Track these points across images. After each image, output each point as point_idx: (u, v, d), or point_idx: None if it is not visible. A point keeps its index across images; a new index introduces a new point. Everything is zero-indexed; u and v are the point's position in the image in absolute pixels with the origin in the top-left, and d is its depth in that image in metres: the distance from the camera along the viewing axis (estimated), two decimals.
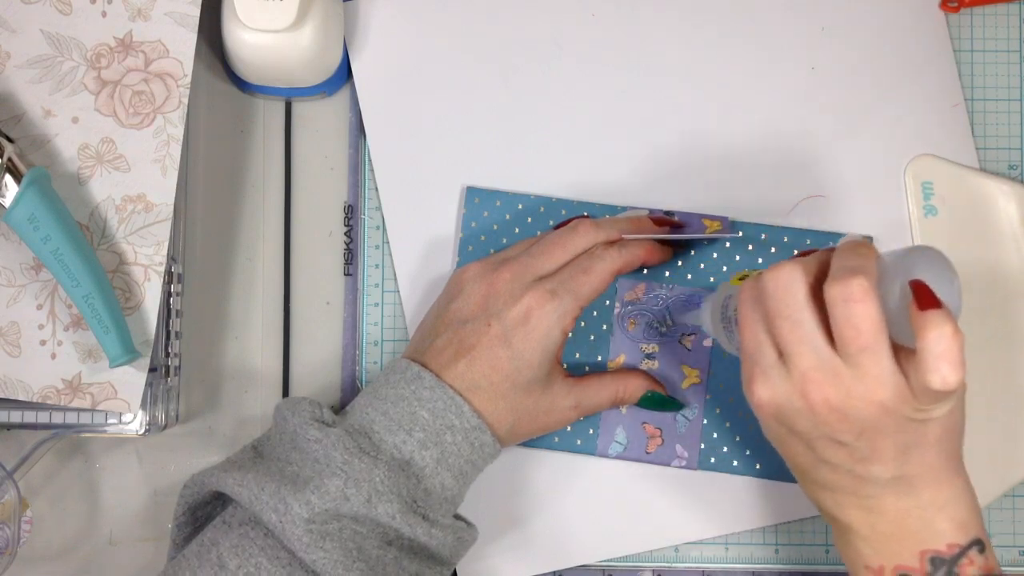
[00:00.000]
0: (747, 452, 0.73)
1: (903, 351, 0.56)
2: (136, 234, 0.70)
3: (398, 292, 0.76)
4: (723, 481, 0.74)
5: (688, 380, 0.74)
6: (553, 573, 0.75)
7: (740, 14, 0.76)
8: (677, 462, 0.74)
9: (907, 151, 0.75)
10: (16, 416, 0.71)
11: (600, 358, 0.74)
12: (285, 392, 0.76)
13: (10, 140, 0.67)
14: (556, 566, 0.75)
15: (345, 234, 0.77)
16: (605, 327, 0.74)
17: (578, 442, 0.74)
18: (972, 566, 0.59)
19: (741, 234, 0.74)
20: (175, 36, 0.70)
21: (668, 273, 0.74)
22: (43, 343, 0.69)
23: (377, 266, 0.76)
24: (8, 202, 0.66)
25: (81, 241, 0.67)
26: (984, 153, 0.76)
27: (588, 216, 0.73)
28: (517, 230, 0.75)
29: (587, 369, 0.74)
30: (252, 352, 0.76)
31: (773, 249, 0.74)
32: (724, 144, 0.76)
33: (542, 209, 0.75)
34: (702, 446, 0.74)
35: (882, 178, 0.75)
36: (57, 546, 0.75)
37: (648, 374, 0.73)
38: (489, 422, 0.66)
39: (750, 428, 0.73)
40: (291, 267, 0.77)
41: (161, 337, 0.71)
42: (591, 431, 0.74)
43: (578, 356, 0.74)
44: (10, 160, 0.66)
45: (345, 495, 0.61)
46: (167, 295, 0.72)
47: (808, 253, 0.61)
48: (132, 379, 0.69)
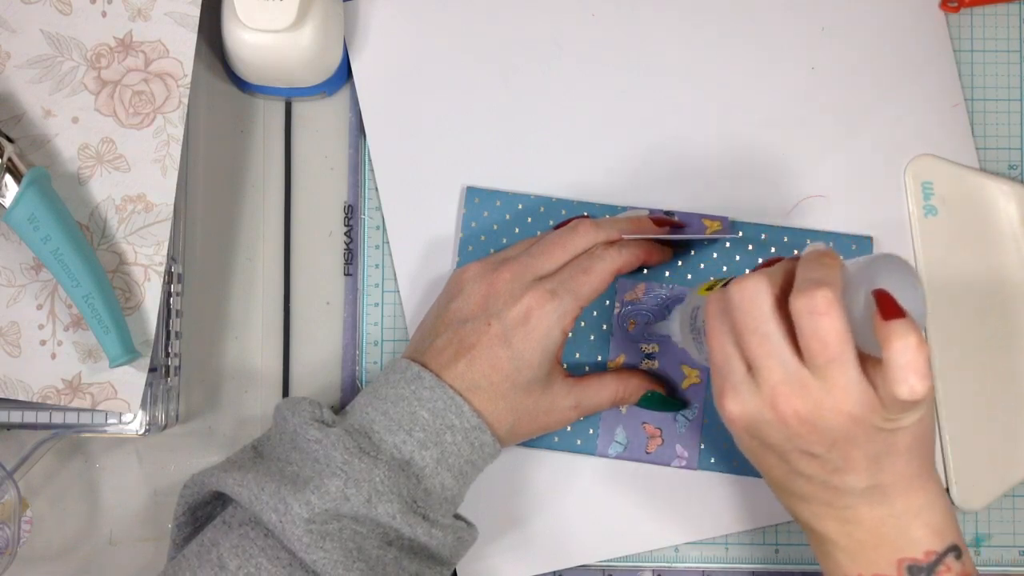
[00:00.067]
0: None
1: (870, 360, 0.56)
2: (136, 234, 0.70)
3: (398, 292, 0.76)
4: (723, 481, 0.74)
5: (688, 380, 0.74)
6: (553, 573, 0.75)
7: (740, 14, 0.76)
8: (677, 462, 0.74)
9: (907, 151, 0.75)
10: (16, 416, 0.71)
11: (600, 358, 0.74)
12: (285, 392, 0.76)
13: (10, 140, 0.67)
14: (556, 566, 0.75)
15: (345, 234, 0.77)
16: (605, 327, 0.74)
17: (578, 442, 0.74)
18: (950, 572, 0.59)
19: (741, 234, 0.74)
20: (175, 36, 0.70)
21: (668, 273, 0.74)
22: (43, 343, 0.69)
23: (377, 266, 0.76)
24: (8, 202, 0.66)
25: (81, 241, 0.67)
26: (984, 153, 0.76)
27: (588, 216, 0.73)
28: (517, 230, 0.75)
29: (587, 369, 0.74)
30: (252, 352, 0.76)
31: (773, 249, 0.74)
32: (724, 144, 0.76)
33: (542, 209, 0.75)
34: (702, 446, 0.74)
35: (882, 178, 0.75)
36: (57, 546, 0.75)
37: (648, 374, 0.73)
38: (489, 422, 0.66)
39: None
40: (291, 267, 0.77)
41: (161, 337, 0.71)
42: (591, 431, 0.74)
43: (578, 356, 0.74)
44: (10, 160, 0.66)
45: (345, 495, 0.61)
46: (167, 295, 0.72)
47: (773, 262, 0.60)
48: (132, 379, 0.69)
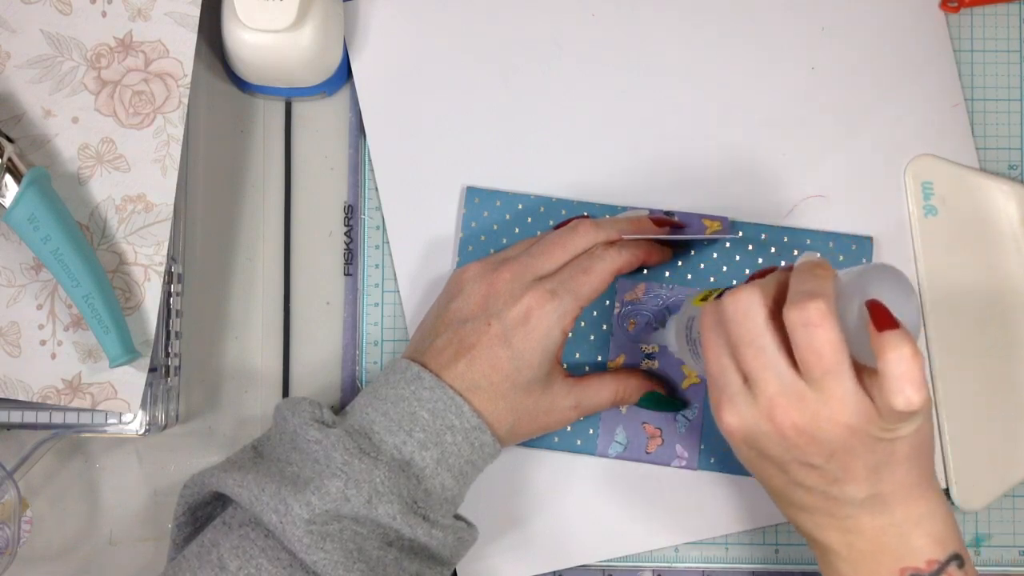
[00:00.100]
0: None
1: (866, 370, 0.56)
2: (136, 234, 0.70)
3: (398, 292, 0.76)
4: (723, 481, 0.74)
5: (688, 380, 0.74)
6: (553, 573, 0.75)
7: (740, 14, 0.76)
8: (677, 462, 0.74)
9: (907, 151, 0.75)
10: (16, 416, 0.71)
11: (600, 358, 0.74)
12: (285, 392, 0.76)
13: (10, 140, 0.67)
14: (556, 566, 0.75)
15: (345, 234, 0.77)
16: (605, 327, 0.74)
17: (578, 442, 0.74)
18: None
19: (741, 234, 0.74)
20: (175, 36, 0.70)
21: (668, 273, 0.74)
22: (43, 343, 0.69)
23: (377, 266, 0.76)
24: (8, 202, 0.66)
25: (81, 241, 0.67)
26: (984, 153, 0.76)
27: (588, 216, 0.73)
28: (517, 230, 0.75)
29: (587, 369, 0.74)
30: (252, 352, 0.76)
31: (773, 249, 0.74)
32: (724, 144, 0.76)
33: (542, 209, 0.75)
34: (702, 446, 0.74)
35: (882, 178, 0.75)
36: (57, 546, 0.75)
37: (648, 374, 0.73)
38: (489, 422, 0.66)
39: None
40: (291, 267, 0.77)
41: (161, 337, 0.71)
42: (591, 431, 0.74)
43: (578, 356, 0.74)
44: (10, 160, 0.66)
45: (345, 496, 0.61)
46: (167, 295, 0.72)
47: (765, 272, 0.61)
48: (132, 379, 0.69)
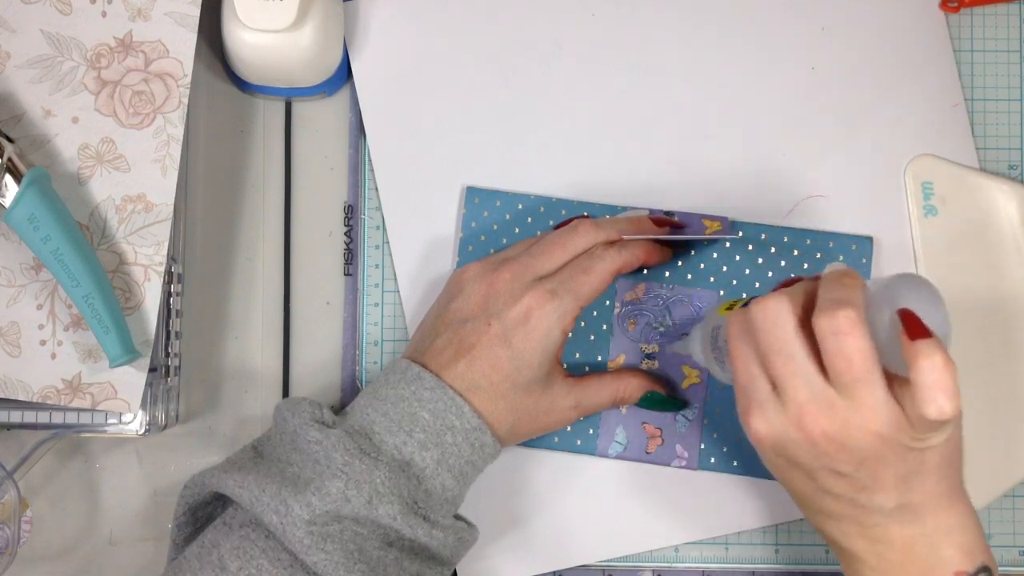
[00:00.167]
0: (747, 452, 0.73)
1: (897, 379, 0.56)
2: (136, 234, 0.70)
3: (398, 292, 0.76)
4: (723, 481, 0.74)
5: (688, 380, 0.74)
6: (553, 573, 0.75)
7: (740, 14, 0.76)
8: (677, 462, 0.74)
9: (907, 151, 0.75)
10: (16, 416, 0.71)
11: (600, 358, 0.74)
12: (285, 392, 0.76)
13: (10, 140, 0.67)
14: (556, 566, 0.75)
15: (345, 234, 0.77)
16: (605, 327, 0.74)
17: (578, 442, 0.74)
18: None
19: (741, 234, 0.74)
20: (175, 36, 0.70)
21: (668, 273, 0.74)
22: (43, 343, 0.69)
23: (377, 266, 0.76)
24: (8, 202, 0.66)
25: (81, 241, 0.67)
26: (984, 153, 0.76)
27: (588, 216, 0.73)
28: (517, 230, 0.75)
29: (587, 369, 0.74)
30: (252, 352, 0.76)
31: (773, 249, 0.74)
32: (724, 144, 0.76)
33: (542, 209, 0.75)
34: (702, 446, 0.74)
35: (882, 178, 0.75)
36: (57, 546, 0.75)
37: (648, 374, 0.73)
38: (489, 422, 0.66)
39: None
40: (291, 267, 0.77)
41: (161, 337, 0.71)
42: (591, 431, 0.74)
43: (578, 356, 0.74)
44: (10, 160, 0.66)
45: (346, 496, 0.61)
46: (167, 295, 0.72)
47: (792, 282, 0.61)
48: (132, 379, 0.69)
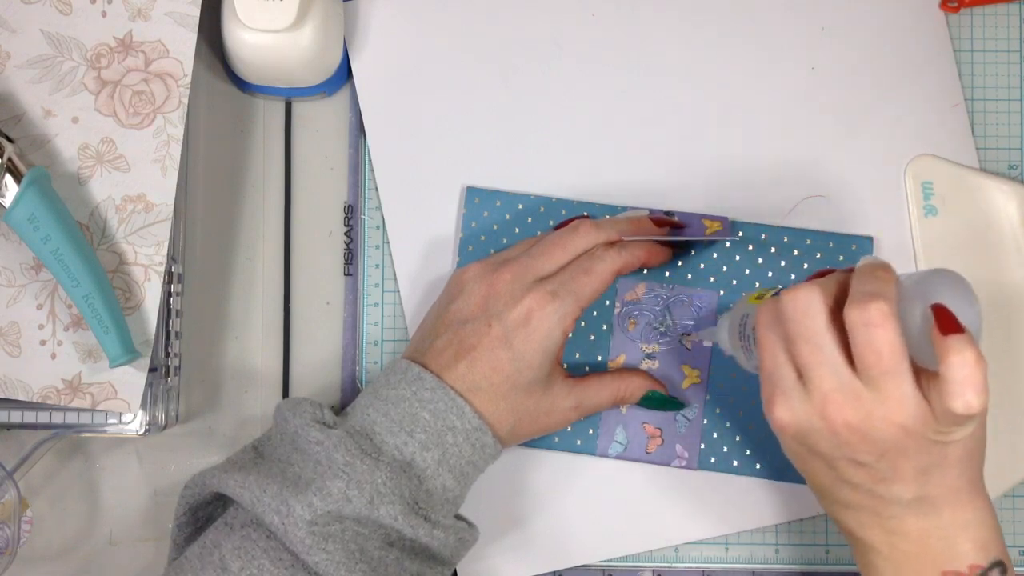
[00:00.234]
0: (747, 452, 0.73)
1: (924, 373, 0.56)
2: (136, 234, 0.70)
3: (398, 292, 0.76)
4: (723, 481, 0.74)
5: (688, 380, 0.74)
6: (553, 573, 0.75)
7: (740, 14, 0.76)
8: (677, 462, 0.74)
9: (907, 151, 0.75)
10: (16, 416, 0.71)
11: (600, 358, 0.74)
12: (285, 392, 0.76)
13: (10, 140, 0.67)
14: (556, 566, 0.75)
15: (345, 234, 0.77)
16: (605, 327, 0.74)
17: (578, 442, 0.74)
18: None
19: (741, 234, 0.74)
20: (175, 36, 0.70)
21: (668, 273, 0.74)
22: (43, 343, 0.69)
23: (377, 266, 0.76)
24: (8, 202, 0.66)
25: (81, 241, 0.67)
26: (984, 153, 0.76)
27: (588, 216, 0.73)
28: (517, 230, 0.75)
29: (587, 369, 0.74)
30: (252, 352, 0.76)
31: (773, 249, 0.74)
32: (724, 144, 0.76)
33: (542, 209, 0.75)
34: (702, 446, 0.74)
35: (882, 178, 0.75)
36: (57, 546, 0.75)
37: (648, 373, 0.73)
38: (490, 423, 0.66)
39: (750, 428, 0.73)
40: (291, 267, 0.77)
41: (161, 337, 0.71)
42: (591, 431, 0.74)
43: (578, 356, 0.74)
44: (10, 160, 0.66)
45: (347, 497, 0.61)
46: (167, 295, 0.72)
47: (823, 273, 0.61)
48: (132, 379, 0.69)
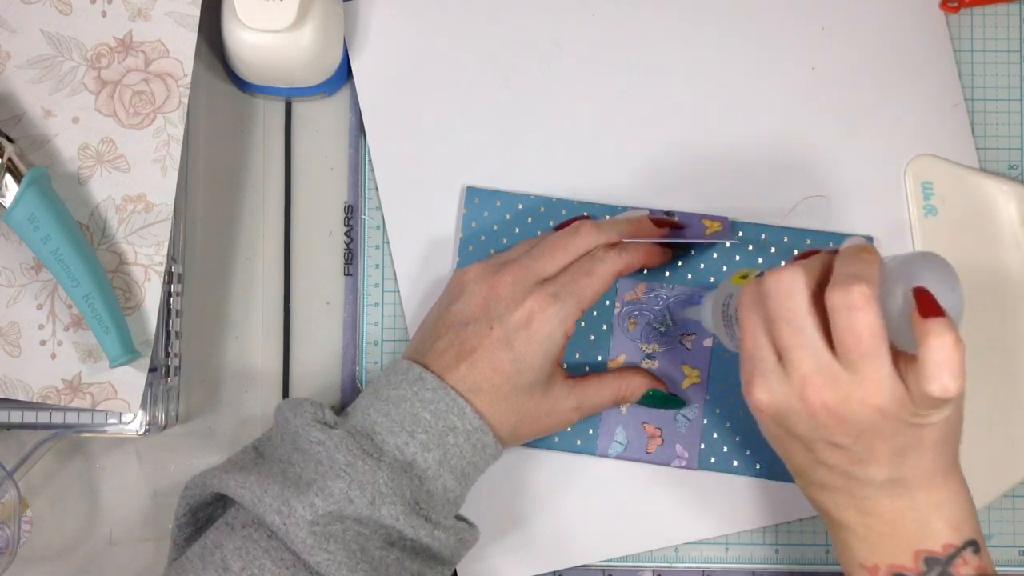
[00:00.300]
0: (747, 452, 0.73)
1: (902, 356, 0.56)
2: (136, 234, 0.70)
3: (398, 292, 0.76)
4: (723, 481, 0.74)
5: (688, 380, 0.74)
6: (553, 573, 0.75)
7: (740, 14, 0.76)
8: (677, 462, 0.74)
9: (907, 151, 0.76)
10: (16, 416, 0.71)
11: (600, 358, 0.74)
12: (285, 392, 0.76)
13: (10, 140, 0.67)
14: (556, 566, 0.75)
15: (345, 234, 0.77)
16: (605, 327, 0.74)
17: (578, 442, 0.74)
18: (966, 566, 0.59)
19: (741, 235, 0.74)
20: (175, 36, 0.70)
21: (668, 273, 0.74)
22: (43, 343, 0.69)
23: (377, 266, 0.76)
24: (8, 202, 0.66)
25: (81, 241, 0.67)
26: (984, 153, 0.76)
27: (589, 217, 0.73)
28: (517, 230, 0.75)
29: (587, 369, 0.74)
30: (252, 352, 0.76)
31: (773, 249, 0.74)
32: (724, 144, 0.76)
33: (542, 209, 0.75)
34: (702, 446, 0.74)
35: (882, 178, 0.75)
36: (57, 546, 0.75)
37: (649, 372, 0.73)
38: (491, 424, 0.66)
39: (750, 428, 0.73)
40: (291, 267, 0.77)
41: (161, 337, 0.71)
42: (591, 431, 0.74)
43: (578, 356, 0.74)
44: (10, 160, 0.66)
45: (349, 497, 0.61)
46: (167, 295, 0.72)
47: (810, 254, 0.61)
48: (132, 379, 0.69)
